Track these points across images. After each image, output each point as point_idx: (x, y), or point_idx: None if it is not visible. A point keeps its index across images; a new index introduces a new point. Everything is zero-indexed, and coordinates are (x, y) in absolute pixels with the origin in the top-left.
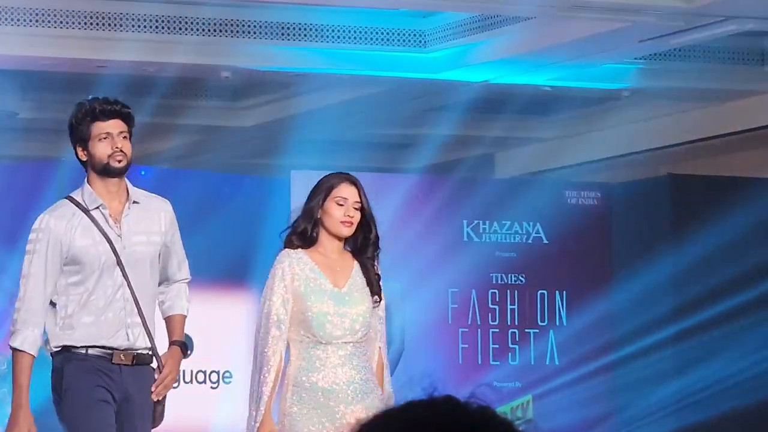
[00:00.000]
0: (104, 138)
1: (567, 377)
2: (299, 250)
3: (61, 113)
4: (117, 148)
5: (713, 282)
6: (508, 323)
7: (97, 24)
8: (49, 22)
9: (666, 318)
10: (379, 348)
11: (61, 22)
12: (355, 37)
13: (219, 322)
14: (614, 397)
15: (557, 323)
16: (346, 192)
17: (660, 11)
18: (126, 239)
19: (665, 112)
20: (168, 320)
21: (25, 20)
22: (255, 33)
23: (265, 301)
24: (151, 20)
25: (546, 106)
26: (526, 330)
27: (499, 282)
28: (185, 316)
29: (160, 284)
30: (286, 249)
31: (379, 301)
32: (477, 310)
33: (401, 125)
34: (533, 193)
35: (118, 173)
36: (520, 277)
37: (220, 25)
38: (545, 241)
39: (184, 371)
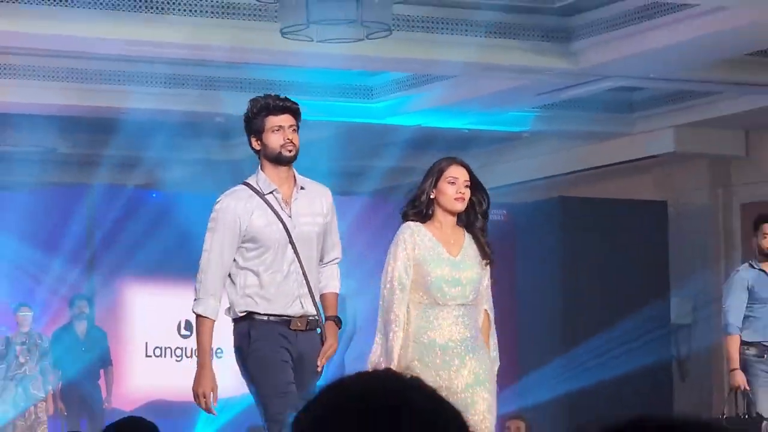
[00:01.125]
0: (277, 130)
1: None
2: (418, 223)
3: (91, 149)
4: (288, 139)
5: (595, 279)
6: None
7: (120, 80)
8: (83, 78)
9: (557, 307)
10: (486, 310)
11: (92, 79)
12: (317, 91)
13: None
14: (518, 369)
15: None
16: (456, 172)
17: (552, 72)
18: (295, 220)
19: (557, 148)
20: (323, 297)
21: (66, 77)
22: (240, 87)
23: (388, 266)
24: (160, 78)
25: (465, 144)
26: None
27: None
28: (337, 294)
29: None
30: (407, 222)
31: (489, 264)
32: None
33: (354, 158)
34: None
35: (288, 161)
36: None
37: (214, 81)
38: None
39: (185, 348)
